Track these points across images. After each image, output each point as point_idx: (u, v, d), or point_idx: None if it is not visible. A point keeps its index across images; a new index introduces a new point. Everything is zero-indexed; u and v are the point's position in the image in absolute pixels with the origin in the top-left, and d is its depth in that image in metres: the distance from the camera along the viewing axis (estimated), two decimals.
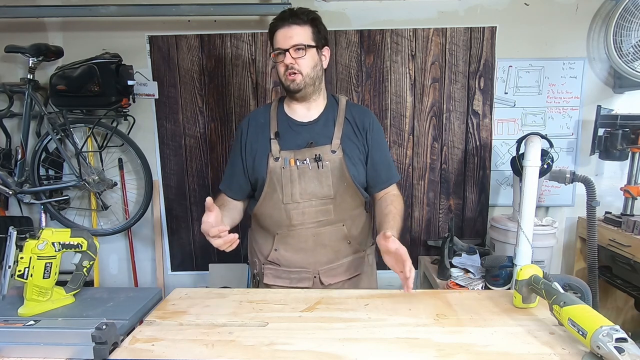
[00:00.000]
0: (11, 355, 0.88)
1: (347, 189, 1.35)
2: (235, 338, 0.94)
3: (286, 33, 1.27)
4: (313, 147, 1.32)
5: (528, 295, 1.05)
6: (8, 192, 2.29)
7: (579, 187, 2.26)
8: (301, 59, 1.28)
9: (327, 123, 1.36)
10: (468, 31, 2.36)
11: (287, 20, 1.27)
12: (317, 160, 1.30)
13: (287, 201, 1.32)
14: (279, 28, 1.28)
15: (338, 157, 1.32)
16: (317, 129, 1.35)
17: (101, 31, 2.39)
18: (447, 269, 2.06)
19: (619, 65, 2.20)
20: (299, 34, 1.27)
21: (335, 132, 1.34)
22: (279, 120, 1.37)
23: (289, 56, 1.26)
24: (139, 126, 2.46)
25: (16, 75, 2.44)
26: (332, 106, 1.40)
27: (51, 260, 1.04)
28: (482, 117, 2.43)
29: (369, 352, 0.87)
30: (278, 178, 1.31)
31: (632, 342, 0.76)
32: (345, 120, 1.37)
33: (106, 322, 0.87)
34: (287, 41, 1.27)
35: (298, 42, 1.26)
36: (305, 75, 1.29)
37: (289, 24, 1.27)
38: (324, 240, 1.36)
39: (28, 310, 1.02)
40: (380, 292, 1.21)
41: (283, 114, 1.39)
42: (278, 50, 1.28)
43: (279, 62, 1.30)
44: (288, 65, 1.27)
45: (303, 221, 1.33)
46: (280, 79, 1.33)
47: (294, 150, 1.32)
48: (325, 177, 1.31)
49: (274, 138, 1.34)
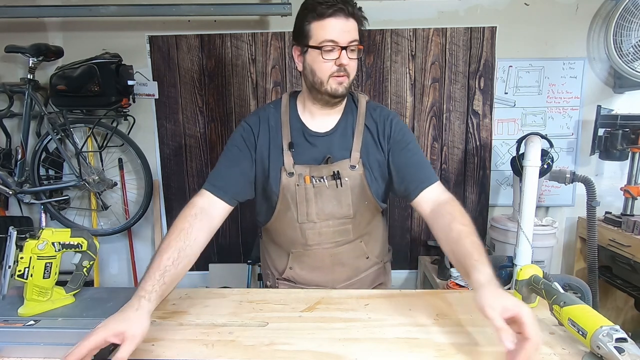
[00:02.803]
0: (11, 355, 0.88)
1: (367, 207, 1.21)
2: (235, 338, 0.93)
3: (344, 26, 1.04)
4: (331, 162, 1.15)
5: (528, 295, 1.05)
6: (8, 192, 2.29)
7: (579, 187, 2.26)
8: (353, 61, 1.09)
9: (345, 132, 1.18)
10: (468, 31, 2.36)
11: (344, 9, 1.03)
12: (336, 177, 1.14)
13: (302, 220, 1.18)
14: (333, 16, 1.03)
15: (358, 173, 1.16)
16: (334, 140, 1.17)
17: (101, 31, 2.39)
18: (447, 269, 2.06)
19: (619, 65, 2.20)
20: (355, 29, 1.07)
21: (355, 144, 1.16)
22: (292, 128, 1.17)
23: (345, 55, 1.05)
24: (139, 126, 2.46)
25: (16, 75, 2.44)
26: (351, 110, 1.21)
27: (51, 260, 1.04)
28: (482, 117, 2.43)
29: (369, 352, 0.87)
30: (292, 196, 1.16)
31: (632, 342, 0.76)
32: (365, 128, 1.18)
33: None
34: (344, 35, 1.04)
35: (355, 39, 1.06)
36: (351, 79, 1.11)
37: (347, 15, 1.04)
38: (342, 259, 1.24)
39: (28, 310, 1.02)
40: (380, 292, 1.21)
41: (297, 121, 1.19)
42: (331, 44, 1.04)
43: (328, 59, 1.05)
44: (342, 65, 1.06)
45: (320, 241, 1.20)
46: (320, 79, 1.09)
47: (309, 165, 1.15)
48: (345, 196, 1.16)
49: (288, 149, 1.15)
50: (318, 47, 1.05)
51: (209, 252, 2.60)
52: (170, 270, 0.93)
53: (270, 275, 1.36)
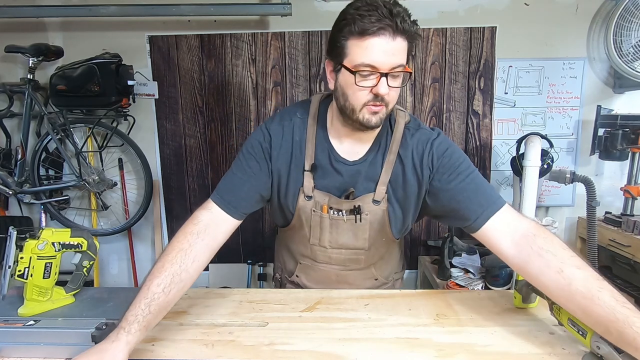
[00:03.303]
0: (11, 355, 0.88)
1: (385, 240, 1.13)
2: (235, 338, 0.93)
3: (388, 47, 0.85)
4: (352, 198, 1.04)
5: (528, 295, 1.05)
6: (8, 192, 2.29)
7: (579, 187, 2.26)
8: (394, 90, 0.91)
9: (374, 162, 1.04)
10: (468, 31, 2.35)
11: (392, 25, 0.83)
12: (355, 213, 1.04)
13: (313, 243, 1.12)
14: (376, 35, 0.84)
15: (381, 209, 1.05)
16: (361, 171, 1.04)
17: (101, 31, 2.39)
18: (447, 269, 2.06)
19: (619, 65, 2.20)
20: (402, 53, 0.88)
21: (382, 177, 1.03)
22: (317, 147, 1.04)
23: (385, 84, 0.87)
24: (139, 126, 2.46)
25: (16, 75, 2.44)
26: (386, 133, 1.04)
27: (51, 260, 1.04)
28: (482, 117, 2.43)
29: (369, 352, 0.87)
30: (307, 218, 1.09)
31: None
32: (397, 158, 1.02)
33: (106, 322, 0.87)
34: (387, 59, 0.86)
35: (401, 63, 0.88)
36: (389, 109, 0.94)
37: (393, 33, 0.84)
38: (348, 279, 1.20)
39: (28, 310, 1.02)
40: (380, 292, 1.21)
41: (324, 140, 1.05)
42: (370, 69, 0.86)
43: (363, 85, 0.88)
44: (380, 95, 0.88)
45: (329, 262, 1.16)
46: (352, 106, 0.92)
47: (329, 194, 1.05)
48: (362, 230, 1.08)
49: (309, 170, 1.03)
50: (353, 71, 0.87)
51: None
52: (159, 298, 0.84)
53: (280, 269, 1.33)
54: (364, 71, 0.87)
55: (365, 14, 0.83)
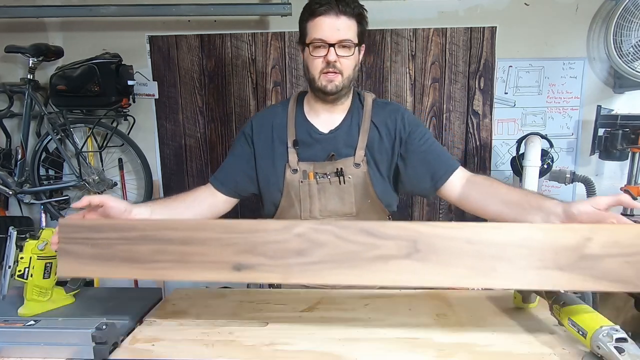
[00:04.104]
0: (11, 355, 0.88)
1: (371, 206, 1.22)
2: (235, 338, 0.93)
3: (333, 23, 1.07)
4: (335, 159, 1.18)
5: (528, 295, 1.05)
6: (8, 192, 2.29)
7: (579, 187, 2.26)
8: (345, 59, 1.10)
9: (350, 130, 1.20)
10: (468, 31, 2.36)
11: (335, 7, 1.07)
12: (339, 174, 1.16)
13: (304, 217, 1.20)
14: (323, 14, 1.07)
15: (362, 171, 1.18)
16: (339, 138, 1.20)
17: (101, 31, 2.39)
18: None
19: (619, 65, 2.20)
20: (348, 28, 1.09)
21: (360, 142, 1.18)
22: (297, 126, 1.21)
23: (333, 52, 1.08)
24: (139, 126, 2.46)
25: (16, 75, 2.44)
26: (357, 108, 1.23)
27: (51, 260, 1.04)
28: (482, 117, 2.43)
29: (369, 352, 0.87)
30: (296, 193, 1.19)
31: (632, 342, 0.76)
32: (371, 125, 1.19)
33: (106, 322, 0.87)
34: (333, 33, 1.07)
35: (346, 38, 1.08)
36: (345, 77, 1.13)
37: (337, 13, 1.07)
38: None
39: (28, 310, 1.02)
40: (380, 292, 1.21)
41: (303, 119, 1.23)
42: (319, 42, 1.08)
43: (317, 56, 1.10)
44: (330, 62, 1.09)
45: None
46: (312, 75, 1.13)
47: (313, 162, 1.18)
48: (348, 193, 1.18)
49: (292, 147, 1.19)
50: (309, 44, 1.10)
51: None
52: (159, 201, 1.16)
53: None
54: (316, 43, 1.09)
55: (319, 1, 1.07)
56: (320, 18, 1.08)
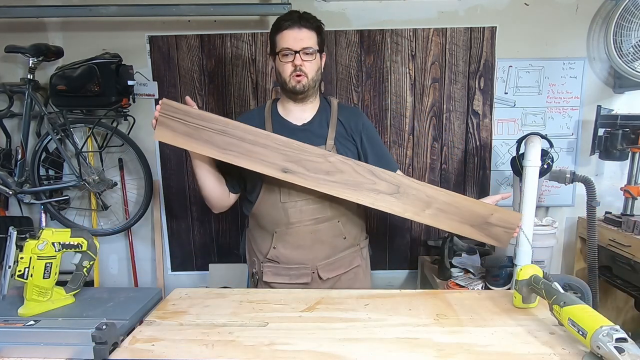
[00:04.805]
0: (11, 355, 0.88)
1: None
2: (235, 338, 0.94)
3: (297, 35, 1.31)
4: None
5: (528, 295, 1.05)
6: (8, 192, 2.29)
7: (579, 187, 2.26)
8: (309, 62, 1.33)
9: (320, 124, 1.42)
10: (468, 31, 2.35)
11: (298, 22, 1.31)
12: None
13: (284, 200, 1.36)
14: (288, 28, 1.31)
15: None
16: (311, 130, 1.40)
17: (101, 31, 2.39)
18: (447, 269, 2.06)
19: (619, 65, 2.20)
20: (309, 38, 1.32)
21: (329, 134, 1.39)
22: (273, 122, 1.41)
23: (299, 58, 1.31)
24: (139, 126, 2.45)
25: (16, 75, 2.44)
26: (325, 108, 1.45)
27: (51, 260, 1.04)
28: (482, 117, 2.43)
29: (369, 352, 0.87)
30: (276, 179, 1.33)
31: (632, 342, 0.76)
32: (337, 121, 1.42)
33: (106, 322, 0.87)
34: (297, 43, 1.31)
35: (308, 45, 1.32)
36: (310, 79, 1.35)
37: (299, 27, 1.31)
38: (321, 237, 1.40)
39: (28, 310, 1.02)
40: (380, 292, 1.21)
41: (277, 116, 1.44)
42: (287, 50, 1.31)
43: (285, 62, 1.33)
44: (297, 66, 1.31)
45: (301, 219, 1.37)
46: (284, 78, 1.35)
47: None
48: None
49: None
50: (278, 52, 1.34)
51: (209, 252, 2.60)
52: None
53: (255, 262, 1.48)
54: (284, 51, 1.32)
55: (282, 17, 1.34)
56: (286, 31, 1.32)
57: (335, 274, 1.45)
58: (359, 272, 1.52)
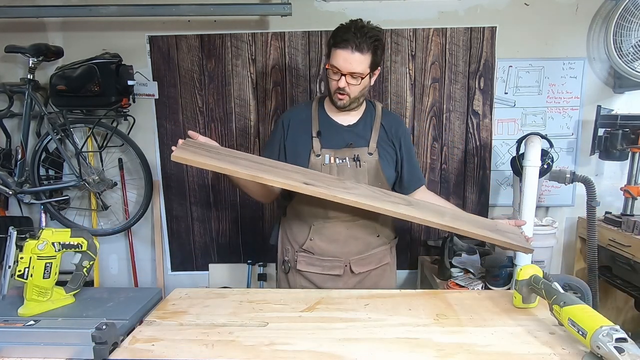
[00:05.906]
0: (11, 355, 0.88)
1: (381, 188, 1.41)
2: (235, 338, 0.94)
3: (347, 57, 1.30)
4: (352, 147, 1.41)
5: (528, 295, 1.05)
6: (8, 192, 2.29)
7: (579, 187, 2.26)
8: (354, 86, 1.34)
9: (365, 127, 1.46)
10: (468, 31, 2.35)
11: (353, 42, 1.28)
12: (356, 160, 1.40)
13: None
14: (341, 48, 1.30)
15: (374, 159, 1.43)
16: (355, 132, 1.45)
17: (101, 31, 2.39)
18: (447, 269, 2.06)
19: (619, 65, 2.20)
20: (359, 63, 1.31)
21: (372, 136, 1.44)
22: (320, 120, 1.45)
23: (344, 80, 1.33)
24: (139, 126, 2.46)
25: (16, 75, 2.44)
26: (370, 112, 1.50)
27: (51, 260, 1.04)
28: (482, 117, 2.43)
29: (369, 352, 0.87)
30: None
31: (632, 342, 0.76)
32: (380, 126, 1.46)
33: (106, 322, 0.87)
34: (346, 66, 1.31)
35: (355, 71, 1.31)
36: (352, 98, 1.38)
37: (353, 50, 1.29)
38: (356, 234, 1.45)
39: (28, 310, 1.02)
40: (380, 292, 1.21)
41: (324, 114, 1.47)
42: (335, 69, 1.32)
43: (332, 78, 1.35)
44: (339, 87, 1.34)
45: (338, 215, 1.41)
46: (329, 89, 1.39)
47: (334, 149, 1.41)
48: (362, 176, 1.41)
49: (316, 136, 1.42)
50: (327, 68, 1.35)
51: (209, 252, 2.60)
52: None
53: (289, 250, 1.52)
54: (333, 69, 1.33)
55: (340, 30, 1.32)
56: (338, 50, 1.31)
57: (366, 269, 1.49)
58: (387, 270, 1.56)
